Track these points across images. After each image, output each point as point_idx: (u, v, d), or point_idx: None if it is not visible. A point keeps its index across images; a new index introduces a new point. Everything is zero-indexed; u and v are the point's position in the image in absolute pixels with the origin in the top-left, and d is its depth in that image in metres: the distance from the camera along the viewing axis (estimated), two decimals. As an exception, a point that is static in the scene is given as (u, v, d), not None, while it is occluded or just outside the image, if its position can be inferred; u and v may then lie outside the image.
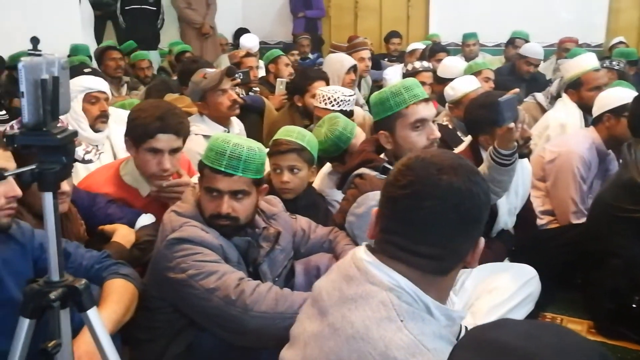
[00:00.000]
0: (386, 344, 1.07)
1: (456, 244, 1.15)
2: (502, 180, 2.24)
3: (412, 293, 1.13)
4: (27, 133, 1.15)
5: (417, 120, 2.10)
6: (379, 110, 2.15)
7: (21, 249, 1.72)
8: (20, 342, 1.20)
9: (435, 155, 1.18)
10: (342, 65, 4.13)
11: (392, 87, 2.12)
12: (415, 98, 2.09)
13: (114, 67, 5.23)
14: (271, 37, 8.43)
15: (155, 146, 2.25)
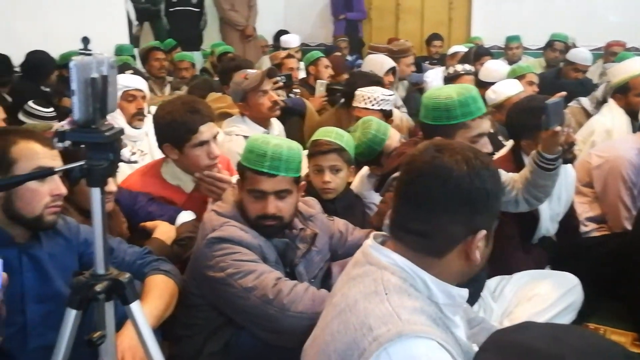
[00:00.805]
0: (366, 313, 1.15)
1: (442, 222, 1.19)
2: (545, 185, 2.20)
3: (407, 269, 1.21)
4: (77, 130, 1.19)
5: (479, 134, 2.09)
6: (440, 116, 2.09)
7: (67, 243, 1.77)
8: (67, 332, 1.24)
9: (446, 142, 1.26)
10: (381, 67, 4.12)
11: (461, 97, 2.07)
12: (480, 111, 2.08)
13: (158, 67, 5.33)
14: (312, 39, 8.46)
15: (201, 139, 2.29)
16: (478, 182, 1.18)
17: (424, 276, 1.20)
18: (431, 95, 2.15)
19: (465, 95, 2.08)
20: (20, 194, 1.59)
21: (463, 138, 2.06)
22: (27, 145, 1.61)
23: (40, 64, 4.77)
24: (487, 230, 1.21)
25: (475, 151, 1.23)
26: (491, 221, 1.22)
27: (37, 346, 1.64)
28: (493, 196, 1.20)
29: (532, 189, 2.22)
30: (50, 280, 1.69)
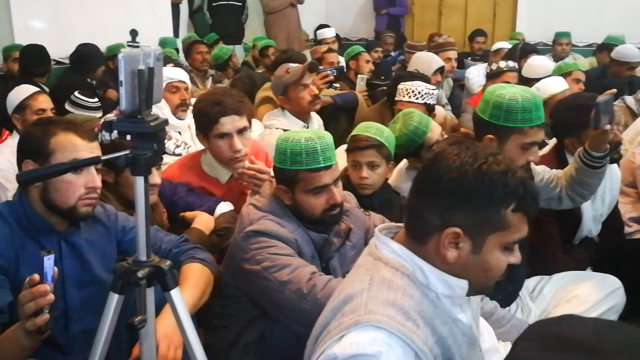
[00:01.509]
0: (345, 300, 1.22)
1: (419, 207, 1.24)
2: (591, 183, 2.15)
3: (405, 257, 1.24)
4: (123, 120, 1.22)
5: (532, 142, 2.04)
6: (499, 115, 2.04)
7: (106, 231, 1.82)
8: (109, 315, 1.28)
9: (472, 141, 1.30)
10: (429, 66, 4.05)
11: (525, 102, 2.01)
12: (539, 120, 2.03)
13: (201, 60, 5.41)
14: (353, 34, 8.45)
15: (221, 131, 2.31)
16: (460, 178, 1.18)
17: (422, 265, 1.23)
18: (495, 91, 2.09)
19: (530, 100, 2.02)
20: (56, 185, 1.63)
21: (515, 143, 2.03)
22: (66, 137, 1.65)
23: (89, 56, 4.89)
24: (463, 231, 1.18)
25: (490, 155, 1.21)
26: (472, 224, 1.19)
27: (78, 330, 1.70)
28: (474, 198, 1.18)
29: (576, 186, 2.17)
30: (89, 266, 1.74)
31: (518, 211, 1.19)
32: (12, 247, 1.61)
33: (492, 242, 1.20)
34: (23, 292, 1.29)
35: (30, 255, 1.63)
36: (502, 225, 1.19)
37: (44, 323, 1.30)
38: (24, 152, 1.68)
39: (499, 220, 1.18)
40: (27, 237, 1.65)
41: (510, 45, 5.45)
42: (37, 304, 1.28)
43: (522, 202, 1.18)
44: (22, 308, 1.29)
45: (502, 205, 1.18)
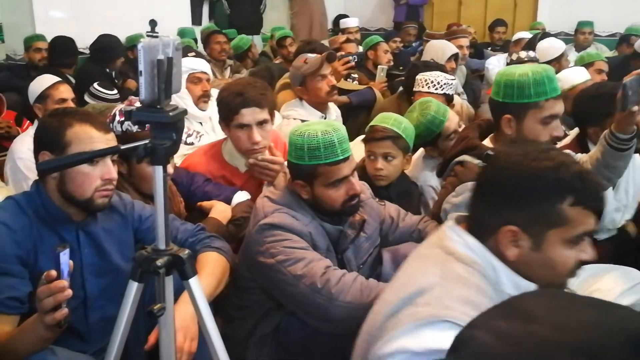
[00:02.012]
0: (417, 290, 1.20)
1: (477, 207, 1.27)
2: (617, 166, 2.11)
3: (478, 252, 1.23)
4: (142, 109, 1.23)
5: (551, 115, 2.00)
6: (512, 94, 2.01)
7: (123, 220, 1.83)
8: (129, 303, 1.29)
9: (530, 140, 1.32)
10: (443, 53, 4.03)
11: (536, 75, 1.99)
12: (555, 92, 1.99)
13: (219, 50, 5.42)
14: (372, 24, 8.40)
15: (241, 122, 2.32)
16: (511, 177, 1.18)
17: (494, 262, 1.21)
18: (505, 72, 2.08)
19: (541, 74, 1.99)
20: (72, 176, 1.64)
21: (534, 119, 2.00)
22: (82, 128, 1.65)
23: (109, 47, 4.93)
24: (520, 228, 1.18)
25: (542, 151, 1.21)
26: (528, 221, 1.18)
27: (97, 318, 1.72)
28: (527, 195, 1.17)
29: (603, 169, 2.13)
30: (107, 255, 1.76)
31: (577, 205, 1.16)
32: (30, 238, 1.63)
33: (553, 238, 1.18)
34: (41, 288, 1.31)
35: (49, 245, 1.64)
36: (561, 221, 1.17)
37: (63, 317, 1.32)
38: (40, 143, 1.69)
39: (556, 215, 1.16)
40: (45, 228, 1.67)
41: (531, 35, 5.38)
42: (56, 299, 1.29)
43: (580, 195, 1.16)
44: (41, 303, 1.31)
45: (557, 200, 1.16)
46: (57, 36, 4.77)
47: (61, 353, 1.47)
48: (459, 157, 2.14)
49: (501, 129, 2.08)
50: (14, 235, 1.59)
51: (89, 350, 1.67)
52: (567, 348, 0.62)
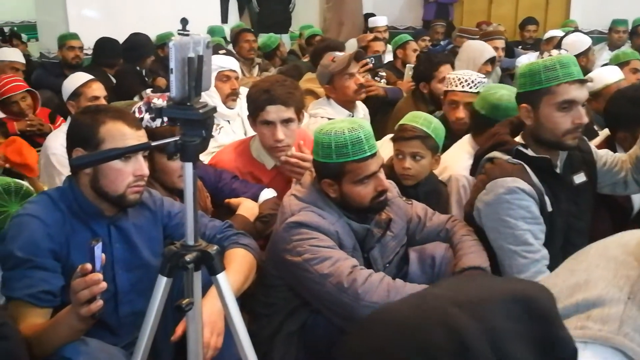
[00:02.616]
0: (596, 302, 0.99)
1: None
2: None
3: None
4: (173, 106, 1.24)
5: (566, 100, 1.94)
6: (526, 82, 2.00)
7: (152, 215, 1.86)
8: (158, 297, 1.31)
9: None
10: (481, 54, 3.93)
11: (547, 60, 1.97)
12: (569, 77, 1.94)
13: (248, 49, 5.44)
14: (400, 22, 8.34)
15: (266, 118, 2.34)
16: None
17: None
18: (523, 64, 2.08)
19: (553, 60, 1.96)
20: (105, 172, 1.67)
21: (548, 105, 1.96)
22: (115, 125, 1.68)
23: (140, 45, 4.99)
24: None
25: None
26: None
27: (126, 312, 1.76)
28: None
29: None
30: (137, 250, 1.79)
31: None
32: (63, 232, 1.66)
33: None
34: (77, 281, 1.33)
35: (81, 240, 1.67)
36: None
37: (98, 309, 1.34)
38: (73, 140, 1.72)
39: None
40: (78, 222, 1.70)
41: (563, 33, 5.29)
42: (91, 292, 1.32)
43: None
44: (77, 295, 1.33)
45: None
46: (102, 37, 4.89)
47: (92, 344, 1.50)
48: (490, 153, 2.11)
49: (524, 123, 2.06)
50: (47, 229, 1.63)
51: (119, 343, 1.70)
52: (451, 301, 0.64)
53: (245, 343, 1.37)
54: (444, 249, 2.05)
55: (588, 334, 0.95)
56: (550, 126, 1.97)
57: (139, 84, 4.73)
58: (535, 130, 2.03)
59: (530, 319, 0.62)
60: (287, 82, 2.42)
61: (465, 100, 2.82)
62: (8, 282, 1.59)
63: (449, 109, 2.92)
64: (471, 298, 0.64)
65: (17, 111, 3.60)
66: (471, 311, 0.62)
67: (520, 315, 0.62)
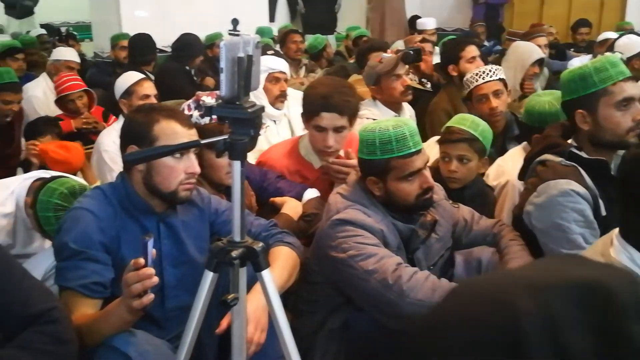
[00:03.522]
0: None
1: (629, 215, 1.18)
2: None
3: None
4: (223, 105, 1.27)
5: (625, 98, 1.91)
6: (577, 87, 1.96)
7: (200, 213, 1.90)
8: (204, 292, 1.33)
9: None
10: (529, 56, 3.83)
11: (595, 62, 1.94)
12: (622, 75, 1.91)
13: (295, 50, 5.48)
14: (448, 24, 8.25)
15: (319, 124, 2.35)
16: None
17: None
18: (567, 71, 2.05)
19: (602, 61, 1.94)
20: (158, 169, 1.71)
21: (606, 107, 1.92)
22: (168, 124, 1.73)
23: (190, 45, 5.07)
24: None
25: None
26: None
27: (172, 307, 1.79)
28: None
29: None
30: (184, 247, 1.83)
31: None
32: (114, 227, 1.71)
33: None
34: (130, 274, 1.36)
35: (131, 234, 1.72)
36: None
37: (149, 302, 1.38)
38: (128, 137, 1.77)
39: None
40: (129, 218, 1.75)
41: (617, 35, 5.13)
42: (144, 285, 1.35)
43: None
44: (129, 288, 1.36)
45: None
46: (135, 34, 4.91)
47: (140, 335, 1.54)
48: (541, 156, 2.07)
49: (578, 128, 2.01)
50: (100, 223, 1.68)
51: (164, 336, 1.73)
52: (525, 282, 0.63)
53: (288, 339, 1.38)
54: (491, 253, 2.03)
55: None
56: (612, 127, 1.94)
57: (188, 84, 4.82)
58: (594, 134, 1.98)
59: (598, 308, 0.60)
60: (345, 88, 2.41)
61: (493, 89, 2.87)
62: (62, 272, 1.65)
63: (480, 105, 2.91)
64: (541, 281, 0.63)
65: (73, 109, 3.72)
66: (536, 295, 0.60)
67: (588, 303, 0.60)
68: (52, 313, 1.43)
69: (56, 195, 2.05)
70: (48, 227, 2.07)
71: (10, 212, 2.25)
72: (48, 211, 2.04)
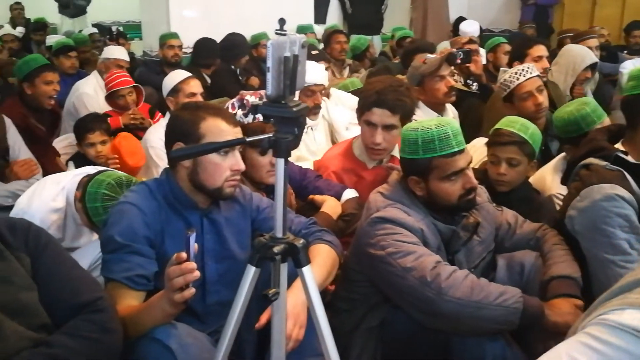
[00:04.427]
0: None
1: None
2: None
3: None
4: (268, 104, 1.29)
5: None
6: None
7: (242, 209, 1.93)
8: (245, 286, 1.35)
9: None
10: (582, 60, 3.74)
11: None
12: None
13: (339, 50, 5.49)
14: (496, 25, 8.12)
15: (369, 119, 2.37)
16: None
17: None
18: (637, 67, 1.97)
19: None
20: (205, 166, 1.75)
21: None
22: (214, 122, 1.76)
23: (236, 45, 5.15)
24: None
25: None
26: None
27: (213, 301, 1.83)
28: None
29: None
30: (226, 242, 1.86)
31: None
32: (159, 221, 1.75)
33: None
34: (172, 268, 1.39)
35: (175, 229, 1.76)
36: None
37: (191, 296, 1.41)
38: (174, 134, 1.81)
39: None
40: (172, 213, 1.79)
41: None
42: (186, 279, 1.38)
43: None
44: (171, 282, 1.40)
45: None
46: (202, 38, 5.06)
47: (181, 328, 1.57)
48: (585, 160, 2.02)
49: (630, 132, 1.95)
50: (144, 217, 1.72)
51: (205, 330, 1.76)
52: None
53: (327, 336, 1.39)
54: (534, 257, 2.00)
55: (626, 302, 1.02)
56: None
57: (233, 83, 4.88)
58: None
59: None
60: (401, 87, 2.41)
61: (536, 85, 2.89)
62: (107, 264, 1.69)
63: (524, 103, 2.91)
64: None
65: (122, 105, 3.82)
66: None
67: None
68: (99, 303, 1.48)
69: (104, 186, 2.12)
70: (96, 217, 2.14)
71: (60, 207, 2.34)
72: (96, 202, 2.11)
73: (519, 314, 1.67)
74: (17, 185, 2.87)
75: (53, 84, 3.55)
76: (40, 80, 3.50)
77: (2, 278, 1.39)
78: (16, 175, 2.95)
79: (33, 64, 3.55)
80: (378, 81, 2.45)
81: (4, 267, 1.40)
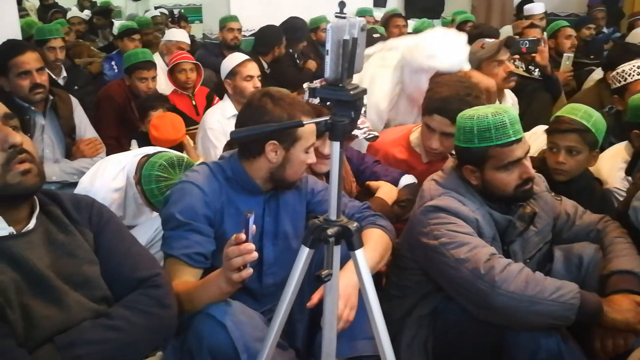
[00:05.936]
0: None
1: None
2: None
3: None
4: (326, 87, 1.29)
5: None
6: None
7: (298, 192, 1.96)
8: (299, 267, 1.37)
9: None
10: None
11: None
12: None
13: (398, 34, 5.41)
14: (562, 8, 7.79)
15: (429, 123, 2.34)
16: None
17: None
18: None
19: None
20: (294, 163, 1.81)
21: None
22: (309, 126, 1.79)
23: (296, 28, 5.14)
24: None
25: None
26: None
27: (269, 282, 1.87)
28: None
29: None
30: (283, 224, 1.89)
31: None
32: (219, 201, 1.80)
33: None
34: (231, 248, 1.43)
35: (234, 210, 1.80)
36: None
37: (248, 276, 1.44)
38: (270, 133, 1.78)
39: None
40: (234, 194, 1.83)
41: None
42: (244, 260, 1.41)
43: None
44: (230, 262, 1.43)
45: None
46: (265, 25, 4.99)
47: (235, 305, 1.61)
48: None
49: None
50: (205, 197, 1.77)
51: (258, 309, 1.80)
52: None
53: (378, 319, 1.40)
54: (594, 250, 1.94)
55: None
56: None
57: (291, 66, 4.91)
58: None
59: None
60: (469, 97, 2.24)
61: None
62: (168, 240, 1.75)
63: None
64: None
65: (183, 80, 3.91)
66: None
67: None
68: (156, 279, 1.53)
69: (156, 167, 2.20)
70: (153, 199, 2.21)
71: (121, 187, 2.43)
72: (151, 183, 2.19)
73: (575, 309, 1.63)
74: (83, 162, 3.01)
75: (147, 81, 3.72)
76: (135, 76, 3.71)
77: (68, 251, 1.45)
78: (82, 153, 3.09)
79: (132, 59, 3.75)
80: (447, 85, 2.33)
81: (69, 241, 1.47)
